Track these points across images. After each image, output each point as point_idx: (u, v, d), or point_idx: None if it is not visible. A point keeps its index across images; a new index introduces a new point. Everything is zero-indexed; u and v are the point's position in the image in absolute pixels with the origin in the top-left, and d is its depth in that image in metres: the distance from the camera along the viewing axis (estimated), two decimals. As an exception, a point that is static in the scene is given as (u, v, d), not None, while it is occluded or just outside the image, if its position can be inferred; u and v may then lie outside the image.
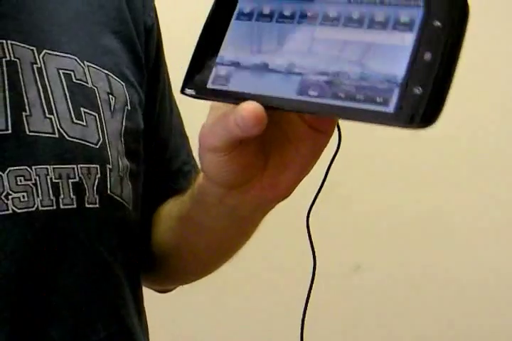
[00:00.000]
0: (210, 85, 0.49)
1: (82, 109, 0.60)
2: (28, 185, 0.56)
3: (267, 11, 0.49)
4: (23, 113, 0.57)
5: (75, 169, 0.59)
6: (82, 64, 0.62)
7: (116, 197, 0.63)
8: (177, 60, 0.78)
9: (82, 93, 0.61)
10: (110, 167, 0.61)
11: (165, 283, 0.80)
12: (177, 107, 0.78)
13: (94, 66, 0.63)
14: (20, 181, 0.56)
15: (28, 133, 0.57)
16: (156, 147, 0.73)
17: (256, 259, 1.28)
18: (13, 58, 0.58)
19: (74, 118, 0.60)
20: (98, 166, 0.60)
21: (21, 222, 0.56)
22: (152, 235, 0.73)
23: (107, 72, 0.64)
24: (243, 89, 0.47)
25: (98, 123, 0.61)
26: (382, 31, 0.44)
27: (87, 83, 0.62)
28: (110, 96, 0.63)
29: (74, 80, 0.61)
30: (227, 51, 0.49)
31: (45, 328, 0.58)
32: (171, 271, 0.75)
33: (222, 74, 0.49)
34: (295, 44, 0.47)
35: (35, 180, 0.56)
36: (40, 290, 0.58)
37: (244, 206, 0.55)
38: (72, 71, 0.61)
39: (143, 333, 0.69)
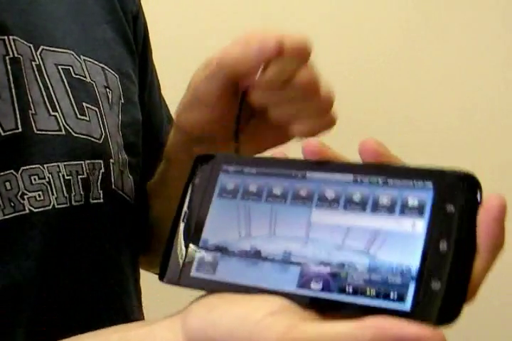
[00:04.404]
0: (194, 273, 0.44)
1: (84, 104, 0.59)
2: (43, 183, 0.54)
3: (253, 188, 0.44)
4: (30, 111, 0.55)
5: (83, 165, 0.58)
6: (78, 58, 0.61)
7: (118, 191, 0.62)
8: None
9: (83, 88, 0.60)
10: (112, 161, 0.61)
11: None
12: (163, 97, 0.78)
13: (90, 60, 0.62)
14: (35, 180, 0.54)
15: (35, 131, 0.55)
16: (149, 135, 0.71)
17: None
18: (16, 55, 0.55)
19: (78, 114, 0.58)
20: (102, 161, 0.59)
21: (39, 222, 0.54)
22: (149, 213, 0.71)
23: (102, 65, 0.63)
24: (234, 279, 0.42)
25: (99, 117, 0.60)
26: (389, 216, 0.40)
27: (86, 78, 0.61)
28: (107, 90, 0.62)
29: (73, 75, 0.59)
30: (211, 234, 0.44)
31: (59, 328, 0.54)
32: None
33: (207, 261, 0.43)
34: (289, 229, 0.42)
35: (49, 178, 0.55)
36: (57, 291, 0.56)
37: None
38: (71, 66, 0.59)
39: None
